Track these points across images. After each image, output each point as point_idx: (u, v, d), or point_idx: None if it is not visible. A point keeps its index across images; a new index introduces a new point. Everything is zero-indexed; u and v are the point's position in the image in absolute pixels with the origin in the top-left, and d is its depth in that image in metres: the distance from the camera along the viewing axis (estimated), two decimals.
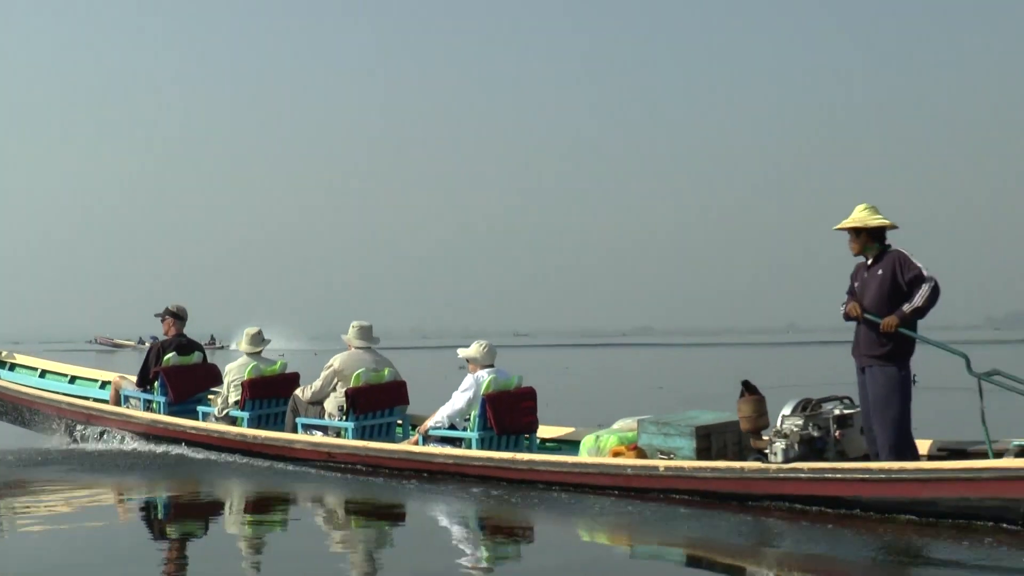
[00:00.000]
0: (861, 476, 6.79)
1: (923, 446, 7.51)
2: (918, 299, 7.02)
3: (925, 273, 7.06)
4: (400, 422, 9.90)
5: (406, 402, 9.90)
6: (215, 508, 8.21)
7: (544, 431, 9.43)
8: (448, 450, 8.68)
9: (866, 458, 7.21)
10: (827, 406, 7.53)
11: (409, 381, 9.75)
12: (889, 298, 7.11)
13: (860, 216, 7.37)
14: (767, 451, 7.16)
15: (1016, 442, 6.65)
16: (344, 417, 9.45)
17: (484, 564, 6.06)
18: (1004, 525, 6.35)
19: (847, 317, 7.28)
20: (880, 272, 7.22)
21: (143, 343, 71.28)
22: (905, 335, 7.02)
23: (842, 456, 7.28)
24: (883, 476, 6.71)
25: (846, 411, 7.43)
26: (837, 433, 7.28)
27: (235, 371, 10.50)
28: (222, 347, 68.09)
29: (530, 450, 9.01)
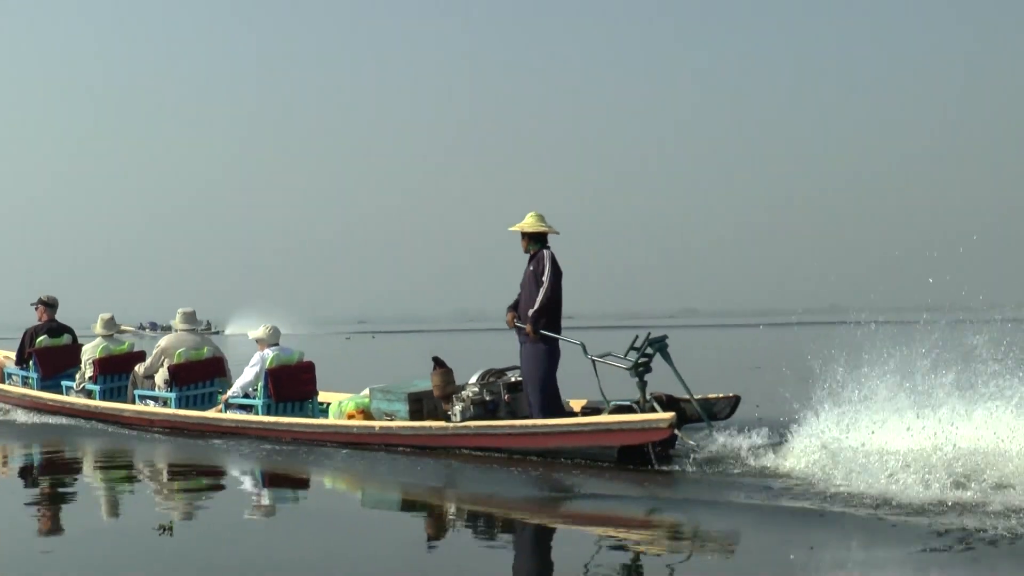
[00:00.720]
0: (508, 432, 8.53)
1: (579, 404, 9.35)
2: (537, 303, 8.63)
3: (543, 279, 8.65)
4: (221, 391, 11.79)
5: (224, 375, 11.64)
6: (57, 464, 9.57)
7: (331, 396, 11.29)
8: (232, 415, 10.36)
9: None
10: (509, 375, 9.35)
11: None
12: (531, 291, 8.81)
13: (525, 222, 9.08)
14: (450, 412, 9.03)
15: (614, 402, 8.47)
16: (169, 388, 11.41)
17: (251, 506, 7.42)
18: (603, 463, 8.14)
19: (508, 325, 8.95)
20: (531, 269, 8.83)
21: (143, 328, 74.03)
22: (544, 334, 8.68)
23: (513, 415, 9.00)
24: (522, 431, 8.45)
25: (518, 379, 9.24)
26: (507, 397, 9.08)
27: (89, 351, 12.18)
28: (217, 332, 70.30)
29: (312, 414, 10.90)
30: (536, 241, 8.92)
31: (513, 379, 9.10)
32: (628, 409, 8.21)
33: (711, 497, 6.97)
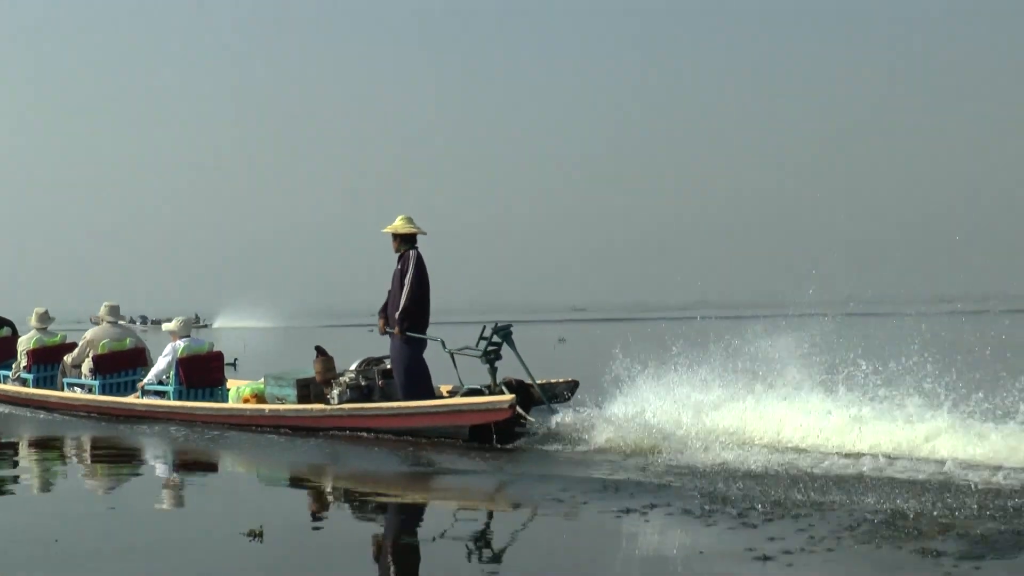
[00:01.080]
0: (375, 413, 9.48)
1: (447, 388, 10.29)
2: (401, 305, 9.45)
3: (406, 280, 9.45)
4: (142, 379, 12.72)
5: (145, 364, 12.58)
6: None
7: (239, 384, 12.26)
8: (147, 400, 11.48)
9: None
10: (386, 362, 10.30)
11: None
12: (399, 290, 9.64)
13: (395, 224, 9.96)
14: (329, 396, 10.00)
15: (468, 387, 9.43)
16: (93, 377, 12.37)
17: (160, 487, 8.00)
18: (459, 441, 9.01)
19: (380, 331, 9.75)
20: (399, 268, 9.70)
21: (133, 322, 74.82)
22: (410, 335, 9.50)
23: (387, 399, 9.91)
24: (386, 413, 9.36)
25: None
26: (380, 383, 10.03)
27: (23, 343, 13.09)
28: (206, 325, 70.75)
29: (222, 399, 11.85)
30: (406, 242, 9.82)
31: (388, 366, 10.04)
32: (478, 392, 9.18)
33: (553, 471, 7.75)
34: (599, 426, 8.86)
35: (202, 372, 11.46)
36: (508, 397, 8.69)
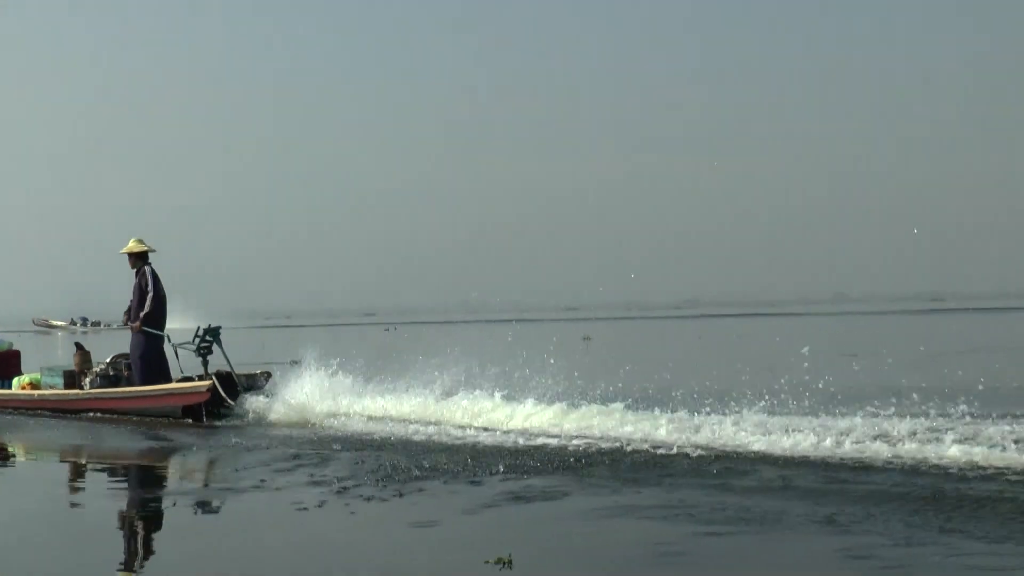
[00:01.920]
0: (112, 396, 11.66)
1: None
2: (147, 307, 11.50)
3: (148, 290, 11.57)
4: None
5: None
6: None
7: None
8: None
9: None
10: None
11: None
12: (139, 299, 11.65)
13: (129, 246, 11.88)
14: (83, 384, 12.28)
15: (183, 375, 11.73)
16: None
17: None
18: (182, 420, 11.23)
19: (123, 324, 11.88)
20: (137, 281, 11.86)
21: (75, 324, 74.94)
22: (147, 331, 11.73)
23: (133, 386, 12.29)
24: (119, 396, 11.63)
25: None
26: (127, 373, 12.30)
27: None
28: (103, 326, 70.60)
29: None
30: (140, 259, 11.96)
31: None
32: (189, 379, 11.49)
33: (251, 443, 9.62)
34: (280, 408, 11.18)
35: (2, 367, 13.67)
36: (206, 383, 10.97)
